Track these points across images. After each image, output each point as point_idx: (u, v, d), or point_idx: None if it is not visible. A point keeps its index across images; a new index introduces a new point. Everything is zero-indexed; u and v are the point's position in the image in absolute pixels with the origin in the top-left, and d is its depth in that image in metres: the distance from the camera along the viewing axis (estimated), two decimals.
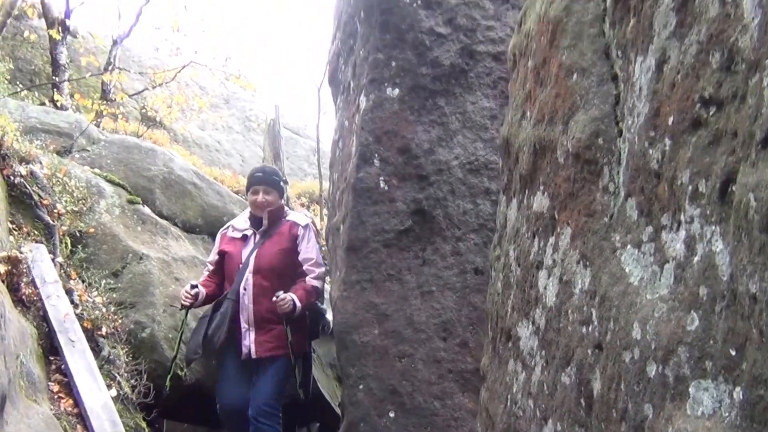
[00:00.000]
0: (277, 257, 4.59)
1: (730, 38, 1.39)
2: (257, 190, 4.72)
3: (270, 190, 4.71)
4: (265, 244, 4.64)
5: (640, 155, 1.69)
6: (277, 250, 4.61)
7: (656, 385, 1.42)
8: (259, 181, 4.74)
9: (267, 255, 4.60)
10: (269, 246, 4.63)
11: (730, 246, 1.27)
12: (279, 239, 4.65)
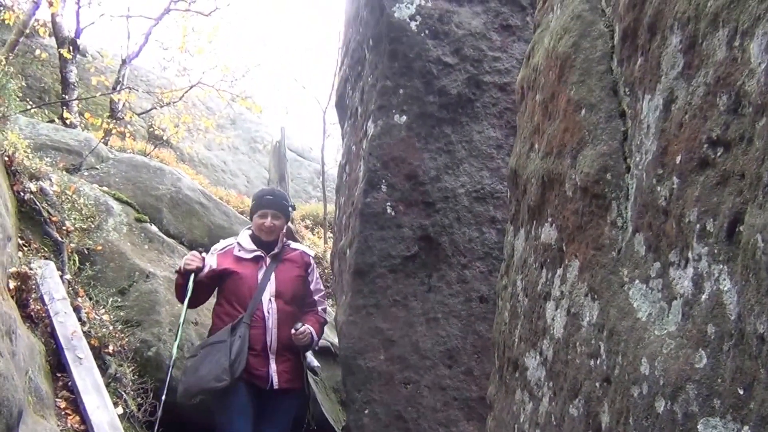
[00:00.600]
0: (295, 283, 4.41)
1: (737, 82, 1.43)
2: (266, 213, 4.48)
3: (279, 215, 4.49)
4: (280, 268, 4.40)
5: (648, 192, 1.72)
6: (295, 275, 4.42)
7: (665, 421, 1.44)
8: (269, 205, 4.50)
9: (287, 280, 4.37)
10: (285, 271, 4.41)
11: (738, 285, 1.30)
12: (292, 266, 4.45)
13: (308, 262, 4.53)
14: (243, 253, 4.43)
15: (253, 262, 4.39)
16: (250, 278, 4.30)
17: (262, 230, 4.47)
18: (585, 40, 2.15)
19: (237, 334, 4.05)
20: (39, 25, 11.35)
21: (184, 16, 12.37)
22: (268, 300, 4.26)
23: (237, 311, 4.22)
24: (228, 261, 4.44)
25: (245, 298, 4.23)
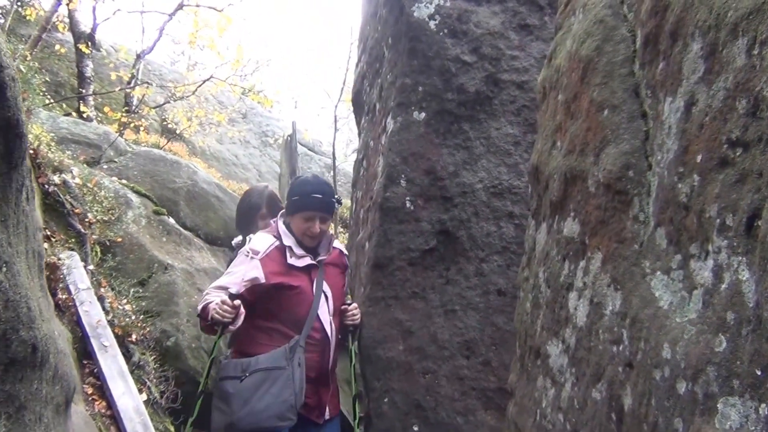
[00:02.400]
0: (344, 296, 3.86)
1: (755, 87, 1.54)
2: (313, 217, 3.69)
3: (327, 218, 3.78)
4: (330, 276, 3.78)
5: (669, 188, 1.83)
6: (342, 286, 3.86)
7: (686, 401, 1.55)
8: (318, 206, 3.70)
9: (338, 292, 3.80)
10: (334, 279, 3.81)
11: (756, 275, 1.41)
12: (336, 272, 3.85)
13: (346, 263, 3.97)
14: (295, 260, 3.66)
15: (305, 272, 3.69)
16: (307, 293, 3.61)
17: (305, 235, 3.73)
18: (608, 44, 2.26)
19: (296, 360, 3.37)
20: (58, 21, 11.49)
21: (196, 12, 12.49)
22: (329, 321, 3.65)
23: (290, 331, 3.52)
24: (280, 271, 3.60)
25: (301, 316, 3.54)
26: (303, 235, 3.73)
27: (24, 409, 2.34)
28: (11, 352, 2.22)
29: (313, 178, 3.82)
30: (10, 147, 2.26)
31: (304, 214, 3.69)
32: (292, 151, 11.71)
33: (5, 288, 2.18)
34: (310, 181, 3.80)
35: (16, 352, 2.25)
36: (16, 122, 2.26)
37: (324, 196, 3.72)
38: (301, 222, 3.72)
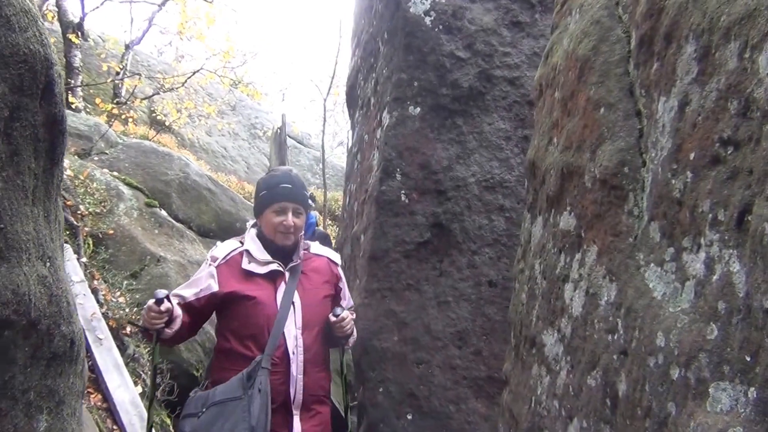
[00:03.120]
0: (324, 307, 3.20)
1: (747, 89, 1.62)
2: (285, 208, 3.17)
3: (301, 210, 3.22)
4: (304, 286, 3.19)
5: (663, 184, 1.91)
6: (323, 296, 3.23)
7: (679, 386, 1.64)
8: (288, 196, 3.20)
9: (315, 303, 3.17)
10: (311, 290, 3.21)
11: (746, 267, 1.50)
12: (319, 281, 3.25)
13: (338, 274, 3.35)
14: (255, 266, 3.12)
15: (268, 280, 3.12)
16: (268, 304, 3.06)
17: (278, 231, 3.17)
18: (604, 44, 2.34)
19: (255, 386, 2.84)
20: (46, 10, 11.42)
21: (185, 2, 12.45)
22: (294, 336, 3.05)
23: (251, 351, 2.98)
24: (235, 278, 3.09)
25: (262, 331, 3.01)
26: (276, 233, 3.15)
27: (62, 404, 2.35)
28: (53, 347, 2.24)
29: (281, 170, 3.35)
30: (54, 143, 2.30)
31: (274, 206, 3.16)
32: (282, 144, 11.76)
33: (49, 283, 2.20)
34: (276, 174, 3.31)
35: (58, 346, 2.27)
36: (61, 118, 2.32)
37: (294, 187, 3.23)
38: (273, 217, 3.16)
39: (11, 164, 2.05)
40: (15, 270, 2.01)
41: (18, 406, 2.07)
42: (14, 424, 2.04)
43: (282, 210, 3.18)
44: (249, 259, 3.11)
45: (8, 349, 2.02)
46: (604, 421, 1.99)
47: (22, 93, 2.06)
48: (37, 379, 2.18)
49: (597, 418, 2.03)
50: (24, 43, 2.05)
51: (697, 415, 1.55)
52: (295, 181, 3.27)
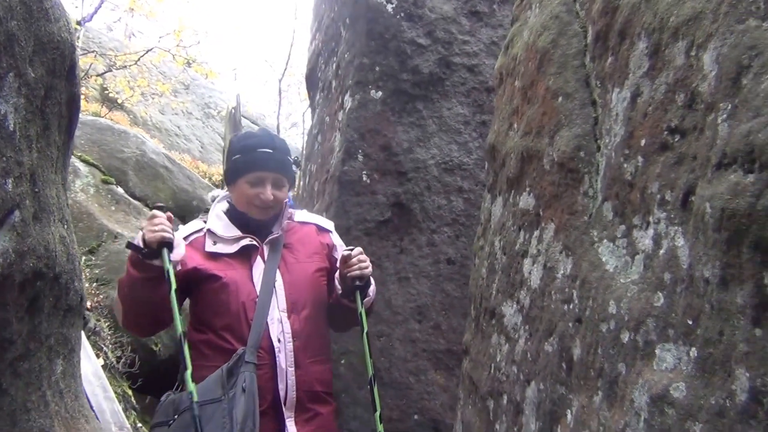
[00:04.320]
0: (315, 283, 2.70)
1: (692, 84, 1.82)
2: (263, 179, 2.63)
3: (283, 183, 2.69)
4: (288, 260, 2.67)
5: (616, 168, 2.11)
6: (313, 272, 2.71)
7: (629, 349, 1.84)
8: (269, 164, 2.64)
9: (302, 281, 2.66)
10: (296, 265, 2.68)
11: (690, 242, 1.70)
12: (307, 252, 2.73)
13: (330, 243, 2.83)
14: (221, 246, 2.63)
15: (240, 259, 2.62)
16: (242, 286, 2.56)
17: (253, 206, 2.66)
18: (562, 38, 2.52)
19: (238, 385, 2.33)
20: None
21: None
22: (278, 319, 2.54)
23: (230, 344, 2.48)
24: (200, 258, 2.60)
25: (238, 319, 2.51)
26: (250, 205, 2.64)
27: (73, 352, 2.65)
28: (69, 300, 2.51)
29: (260, 130, 2.83)
30: (71, 119, 2.59)
31: (250, 176, 2.60)
32: (236, 124, 11.69)
33: (67, 243, 2.45)
34: (254, 134, 2.75)
35: (72, 300, 2.54)
36: (78, 97, 2.62)
37: (275, 152, 2.64)
38: (247, 189, 2.62)
39: (44, 137, 2.32)
40: (45, 229, 2.27)
41: (42, 348, 2.34)
42: (39, 364, 2.32)
43: (259, 181, 2.59)
44: (213, 240, 2.59)
45: (38, 298, 2.27)
46: (560, 383, 2.19)
47: (54, 75, 2.34)
48: (56, 327, 2.44)
49: (553, 381, 2.22)
50: (57, 31, 2.31)
51: (645, 373, 1.75)
52: (277, 144, 2.68)
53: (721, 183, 1.58)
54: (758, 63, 1.56)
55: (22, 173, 2.11)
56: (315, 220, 2.89)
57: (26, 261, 2.12)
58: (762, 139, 1.45)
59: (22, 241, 2.09)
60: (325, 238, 2.84)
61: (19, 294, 2.12)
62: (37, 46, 2.19)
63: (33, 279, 2.18)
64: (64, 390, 2.54)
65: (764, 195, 1.42)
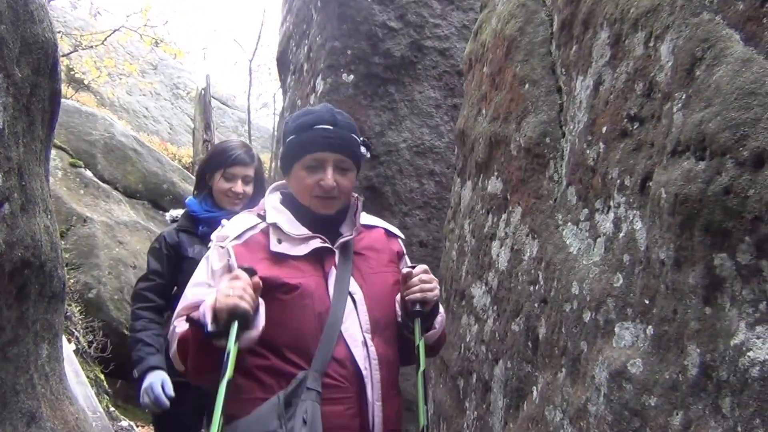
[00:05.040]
0: (392, 297, 2.16)
1: (650, 73, 1.89)
2: (322, 161, 2.08)
3: (348, 166, 2.13)
4: (362, 271, 2.14)
5: (579, 154, 2.19)
6: (392, 283, 2.16)
7: (590, 327, 1.93)
8: (329, 143, 2.09)
9: (382, 293, 2.14)
10: (373, 276, 2.15)
11: (647, 225, 1.78)
12: (379, 262, 2.20)
13: (400, 251, 2.30)
14: (288, 246, 2.07)
15: (312, 263, 2.08)
16: (318, 296, 2.04)
17: (313, 197, 2.09)
18: (529, 26, 2.58)
19: (298, 416, 1.87)
20: None
21: None
22: (362, 341, 2.02)
23: (292, 365, 1.96)
24: (263, 264, 2.01)
25: (314, 338, 1.99)
26: (310, 197, 2.08)
27: (57, 337, 2.74)
28: (53, 287, 2.60)
29: (319, 105, 2.24)
30: (53, 113, 2.68)
31: (306, 159, 2.06)
32: (206, 105, 11.63)
33: (50, 232, 2.53)
34: (311, 110, 2.19)
35: (55, 287, 2.62)
36: (59, 92, 2.71)
37: (337, 128, 2.10)
38: (305, 175, 2.07)
39: (29, 132, 2.41)
40: (32, 220, 2.36)
41: (29, 334, 2.43)
42: (27, 348, 2.41)
43: (318, 164, 2.06)
44: (279, 237, 2.04)
45: (26, 286, 2.36)
46: (527, 361, 2.28)
47: (39, 73, 2.43)
48: (42, 313, 2.54)
49: (520, 359, 2.32)
50: (41, 32, 2.42)
51: (605, 350, 1.85)
52: (339, 120, 2.12)
53: (675, 169, 1.66)
54: (710, 55, 1.63)
55: (11, 168, 2.21)
56: (381, 223, 2.31)
57: (15, 251, 2.22)
58: (712, 129, 1.54)
59: (11, 232, 2.19)
60: (394, 245, 2.27)
61: (8, 282, 2.22)
62: (24, 47, 2.31)
63: (21, 268, 2.28)
64: (50, 373, 2.64)
65: (714, 181, 1.51)
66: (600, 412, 1.80)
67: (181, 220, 3.12)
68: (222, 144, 3.28)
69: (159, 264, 2.99)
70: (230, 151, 3.09)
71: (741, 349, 1.41)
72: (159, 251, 3.01)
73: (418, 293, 2.04)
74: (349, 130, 2.14)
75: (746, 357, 1.40)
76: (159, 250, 3.01)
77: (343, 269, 2.08)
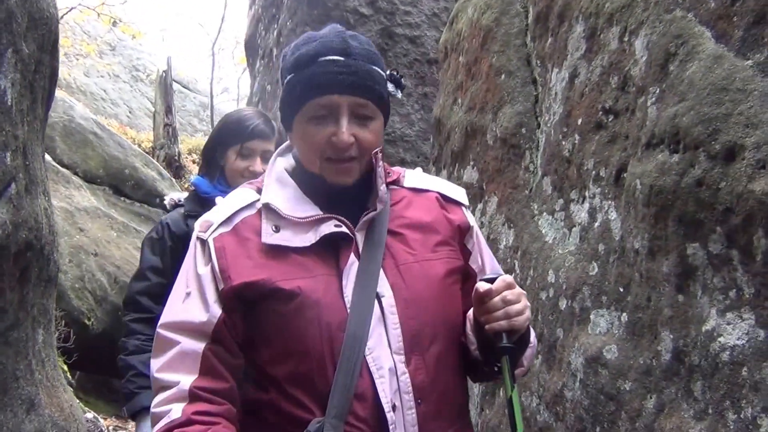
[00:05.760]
0: (447, 296, 1.47)
1: (625, 67, 1.95)
2: (334, 106, 1.38)
3: (370, 113, 1.41)
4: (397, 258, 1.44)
5: (555, 145, 2.24)
6: (443, 274, 1.46)
7: (566, 315, 2.00)
8: (342, 80, 1.38)
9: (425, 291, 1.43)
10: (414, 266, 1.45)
11: (621, 215, 1.84)
12: (429, 242, 1.49)
13: (464, 223, 1.56)
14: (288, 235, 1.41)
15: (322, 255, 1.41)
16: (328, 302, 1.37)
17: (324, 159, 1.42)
18: (505, 17, 2.62)
19: None
20: None
21: None
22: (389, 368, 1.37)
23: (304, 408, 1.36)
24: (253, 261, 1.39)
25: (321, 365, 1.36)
26: (320, 160, 1.43)
27: (51, 322, 2.70)
28: (49, 271, 2.55)
29: (328, 28, 1.51)
30: (50, 92, 2.63)
31: (310, 106, 1.41)
32: (167, 88, 11.43)
33: (48, 214, 2.50)
34: (316, 35, 1.48)
35: (51, 271, 2.58)
36: (57, 71, 2.68)
37: (351, 58, 1.41)
38: (310, 130, 1.42)
39: (32, 111, 2.36)
40: (35, 201, 2.32)
41: (28, 318, 2.38)
42: (26, 333, 2.35)
43: (327, 112, 1.40)
44: (275, 224, 1.41)
45: (27, 269, 2.30)
46: None
47: (42, 50, 2.39)
48: (38, 297, 2.49)
49: None
50: (47, 7, 2.38)
51: (581, 337, 1.91)
52: (353, 48, 1.42)
53: (650, 161, 1.72)
54: (683, 51, 1.70)
55: (18, 146, 2.17)
56: (436, 184, 1.59)
57: (20, 232, 2.18)
58: (686, 123, 1.60)
59: (17, 213, 2.14)
60: (455, 214, 1.55)
61: (13, 264, 2.17)
62: (30, 23, 2.26)
63: (24, 250, 2.24)
64: (45, 359, 2.59)
65: (688, 173, 1.57)
66: (576, 397, 1.87)
67: (187, 203, 2.42)
68: (235, 113, 2.61)
69: (159, 258, 2.33)
70: (247, 122, 2.43)
71: (712, 334, 1.49)
72: (161, 242, 2.35)
73: (504, 320, 1.35)
74: (369, 60, 1.42)
75: (717, 342, 1.47)
76: (160, 241, 2.35)
77: (368, 260, 1.40)
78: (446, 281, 1.46)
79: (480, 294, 1.36)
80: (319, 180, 1.44)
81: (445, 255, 1.48)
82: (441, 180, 1.63)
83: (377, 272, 1.40)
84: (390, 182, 1.51)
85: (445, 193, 1.58)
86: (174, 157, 10.90)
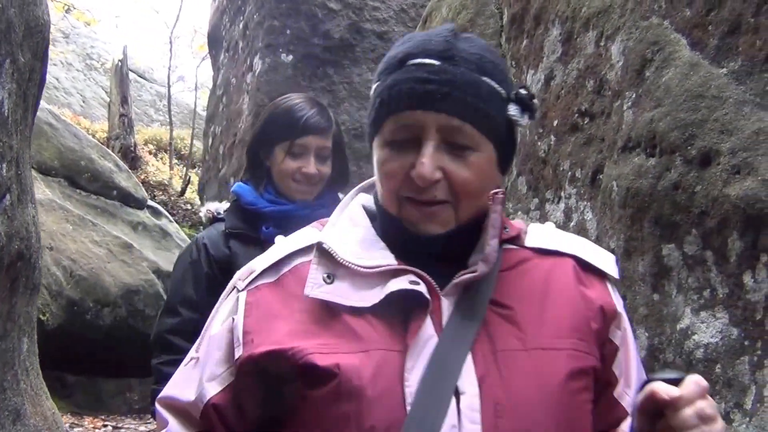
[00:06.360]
0: (567, 407, 0.91)
1: (601, 71, 2.00)
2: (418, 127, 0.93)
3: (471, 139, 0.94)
4: (498, 344, 0.91)
5: (530, 145, 2.29)
6: (565, 375, 0.91)
7: None
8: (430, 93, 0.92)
9: (534, 398, 0.89)
10: (521, 356, 0.91)
11: (597, 216, 1.90)
12: (551, 327, 0.94)
13: (609, 305, 0.98)
14: (344, 289, 0.93)
15: (386, 321, 0.91)
16: (377, 393, 0.86)
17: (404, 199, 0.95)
18: (480, 18, 2.66)
19: None
20: None
21: None
22: None
23: None
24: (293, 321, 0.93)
25: None
26: (397, 198, 0.96)
27: (33, 330, 2.67)
28: (35, 279, 2.53)
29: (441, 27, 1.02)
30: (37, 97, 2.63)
31: (388, 127, 0.95)
32: (123, 77, 11.20)
33: (35, 223, 2.48)
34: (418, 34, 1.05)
35: (36, 279, 2.56)
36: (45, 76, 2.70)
37: (450, 64, 0.94)
38: (386, 153, 0.97)
39: (24, 120, 2.36)
40: (25, 211, 2.31)
41: (15, 328, 2.36)
42: (12, 343, 2.34)
43: (412, 133, 0.95)
44: (328, 271, 0.95)
45: (17, 279, 2.28)
46: None
47: (36, 57, 2.40)
48: (24, 306, 2.46)
49: None
50: (41, 15, 2.40)
51: None
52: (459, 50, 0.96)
53: (626, 164, 1.78)
54: (660, 57, 1.75)
55: (12, 157, 2.16)
56: (573, 245, 1.06)
57: (13, 243, 2.17)
58: (663, 128, 1.65)
59: (11, 224, 2.14)
60: (596, 290, 1.02)
61: (5, 275, 2.15)
62: (26, 32, 2.26)
63: (16, 260, 2.23)
64: (29, 368, 2.58)
65: (664, 177, 1.63)
66: None
67: (228, 218, 1.95)
68: (282, 102, 2.02)
69: (193, 287, 1.91)
70: (298, 113, 1.93)
71: (686, 332, 1.55)
72: (195, 268, 1.92)
73: None
74: (479, 69, 0.97)
75: (691, 340, 1.53)
76: (194, 266, 1.92)
77: (452, 338, 0.93)
78: (570, 385, 0.93)
79: (662, 401, 0.84)
80: (398, 225, 0.99)
81: (570, 346, 0.95)
82: (581, 240, 1.09)
83: (463, 358, 0.91)
84: (506, 239, 1.03)
85: (584, 258, 1.04)
86: (130, 147, 10.70)
